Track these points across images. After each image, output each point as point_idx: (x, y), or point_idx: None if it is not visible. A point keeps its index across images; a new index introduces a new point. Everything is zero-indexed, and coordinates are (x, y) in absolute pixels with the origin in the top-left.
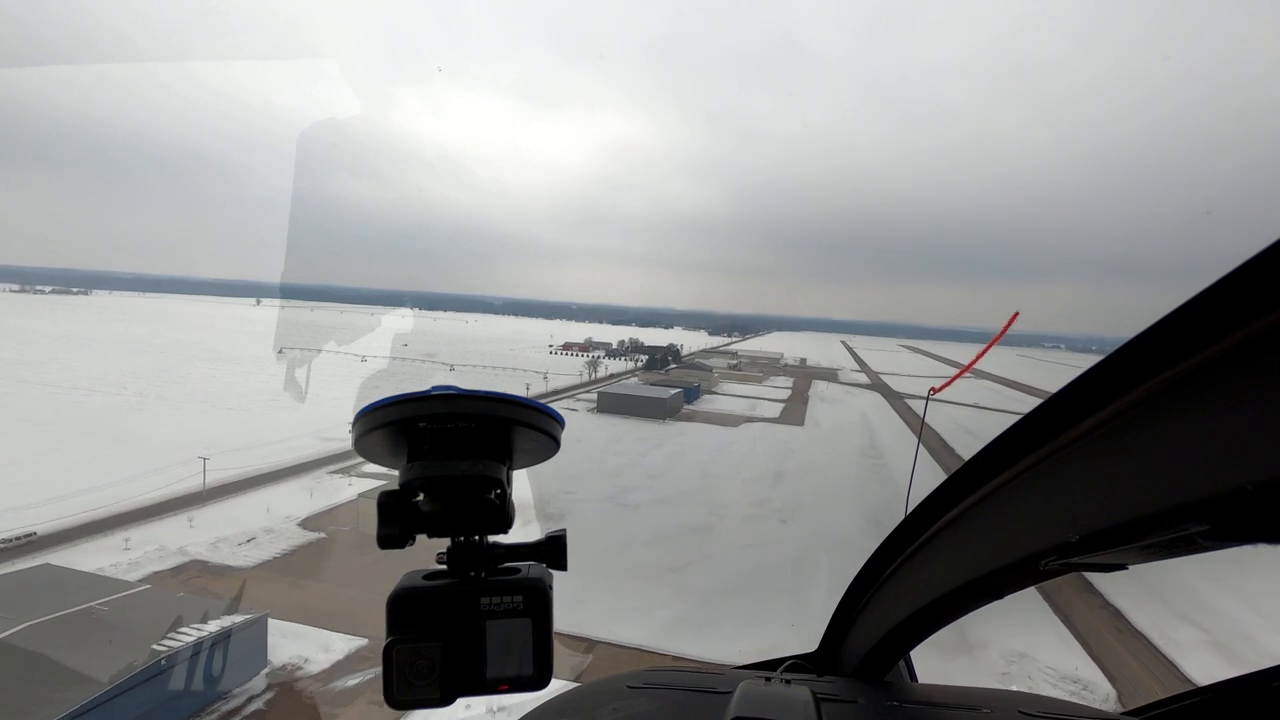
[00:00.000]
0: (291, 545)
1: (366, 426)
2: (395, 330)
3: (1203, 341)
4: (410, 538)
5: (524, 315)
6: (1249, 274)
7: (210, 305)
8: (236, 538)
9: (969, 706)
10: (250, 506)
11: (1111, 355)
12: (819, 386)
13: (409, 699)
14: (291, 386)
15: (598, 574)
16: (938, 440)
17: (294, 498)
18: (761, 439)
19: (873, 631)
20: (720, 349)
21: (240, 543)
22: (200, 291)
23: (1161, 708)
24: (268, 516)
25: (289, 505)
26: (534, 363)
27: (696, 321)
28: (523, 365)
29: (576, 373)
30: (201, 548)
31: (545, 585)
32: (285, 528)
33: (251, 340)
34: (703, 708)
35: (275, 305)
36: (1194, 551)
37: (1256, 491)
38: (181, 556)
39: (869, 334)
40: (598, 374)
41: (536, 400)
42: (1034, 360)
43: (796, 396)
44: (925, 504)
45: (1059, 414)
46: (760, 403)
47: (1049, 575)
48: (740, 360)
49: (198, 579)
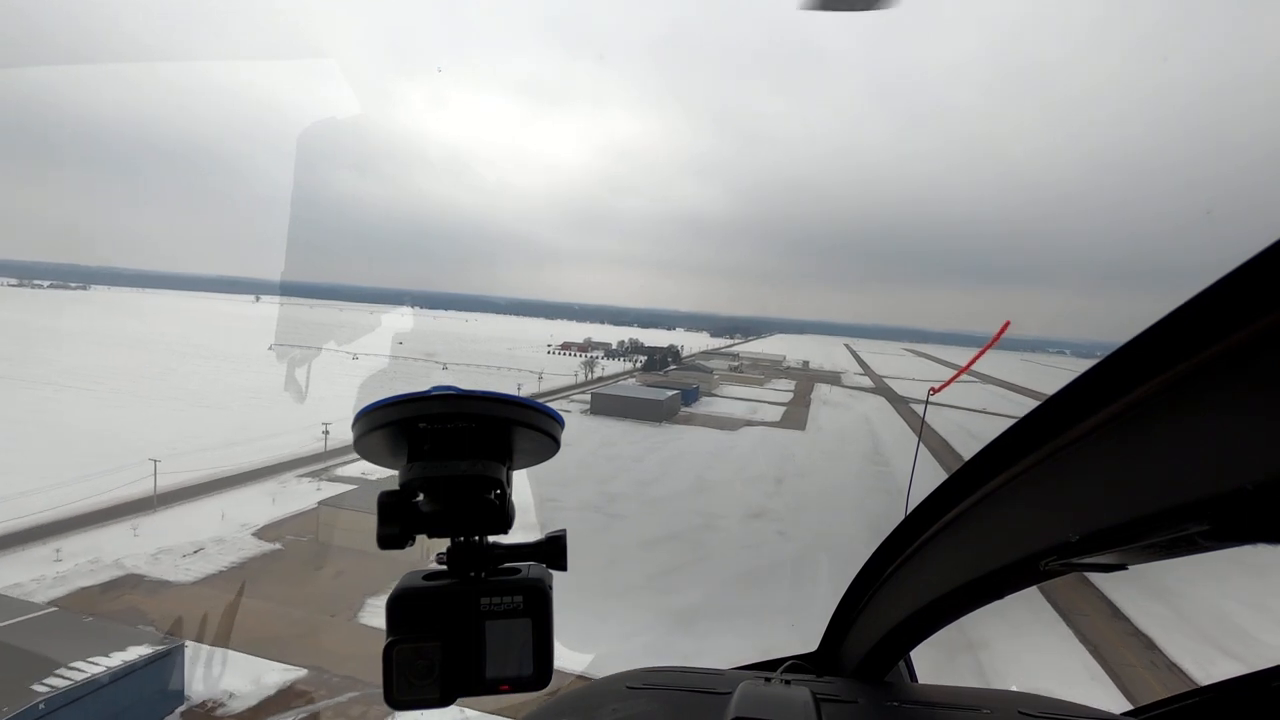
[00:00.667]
0: (242, 557)
1: (367, 427)
2: (392, 329)
3: (1202, 342)
4: (410, 538)
5: (527, 315)
6: (1248, 274)
7: (210, 302)
8: (182, 548)
9: (969, 707)
10: (206, 513)
11: (1111, 356)
12: (821, 390)
13: (409, 699)
14: (291, 385)
15: (574, 593)
16: (941, 443)
17: (255, 503)
18: (762, 443)
19: (873, 632)
20: (721, 350)
21: (185, 554)
22: (202, 288)
23: (1161, 708)
24: (222, 524)
25: (248, 512)
26: (531, 362)
27: (699, 323)
28: (519, 365)
29: (573, 373)
30: (140, 560)
31: (545, 585)
32: (238, 537)
33: (244, 337)
34: (703, 708)
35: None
36: (1194, 551)
37: (1256, 491)
38: (116, 570)
39: (872, 337)
40: (594, 374)
41: (537, 400)
42: (1037, 365)
43: (798, 400)
44: (925, 504)
45: (1059, 414)
46: (761, 406)
47: (1049, 575)
48: (741, 362)
49: (128, 596)
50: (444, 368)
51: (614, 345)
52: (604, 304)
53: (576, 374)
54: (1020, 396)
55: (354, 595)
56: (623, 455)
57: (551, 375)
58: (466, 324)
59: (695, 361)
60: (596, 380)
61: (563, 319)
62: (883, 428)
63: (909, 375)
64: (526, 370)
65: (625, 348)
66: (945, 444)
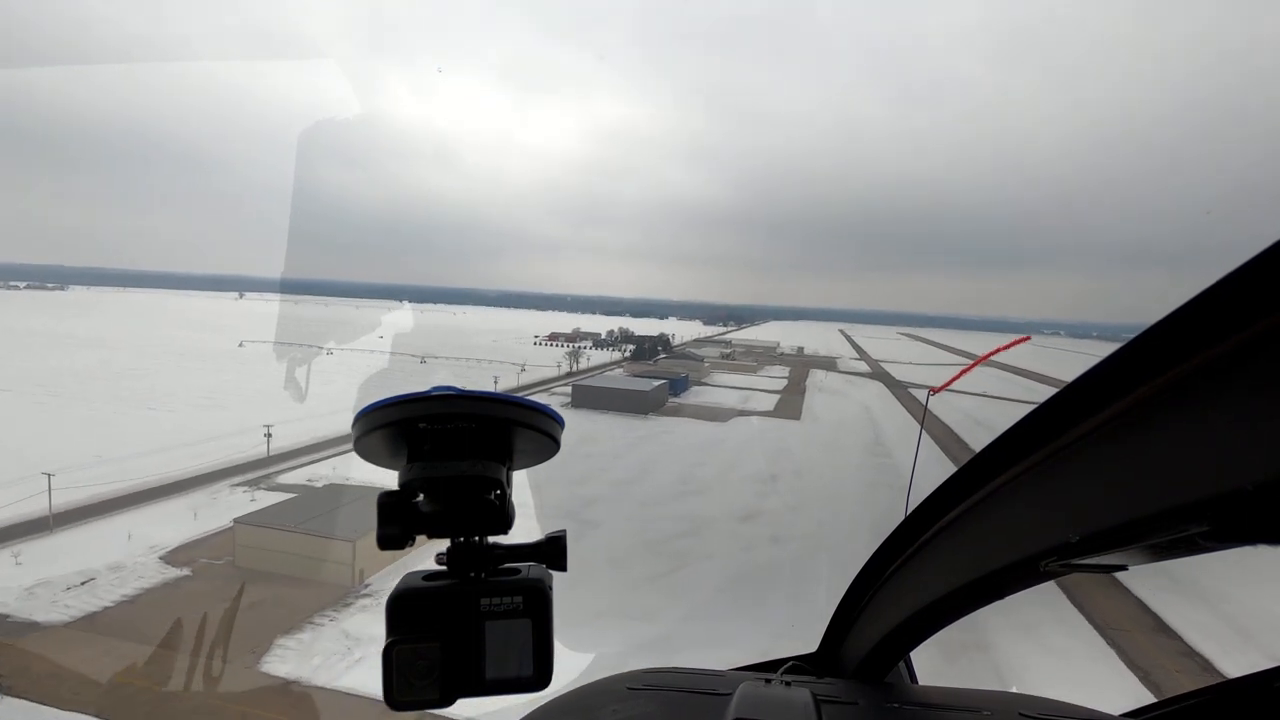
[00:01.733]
0: (140, 588)
1: (366, 427)
2: (376, 323)
3: (1202, 342)
4: (410, 538)
5: (519, 307)
6: (1249, 275)
7: (193, 300)
8: (68, 579)
9: (969, 708)
10: (111, 533)
11: (1111, 356)
12: (817, 376)
13: (408, 700)
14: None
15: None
16: (945, 430)
17: (174, 520)
18: (754, 435)
19: (873, 632)
20: (714, 338)
21: (69, 587)
22: (190, 286)
23: (1162, 708)
24: (127, 547)
25: (163, 531)
26: (516, 354)
27: (692, 313)
28: (503, 357)
29: (556, 364)
30: (11, 595)
31: (545, 586)
32: (142, 562)
33: (216, 334)
34: (703, 709)
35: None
36: (1194, 552)
37: (1256, 491)
38: None
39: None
40: (579, 365)
41: (537, 401)
42: (1035, 347)
43: (793, 387)
44: (925, 504)
45: (1059, 414)
46: (754, 394)
47: (1049, 576)
48: (734, 349)
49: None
50: (421, 361)
51: (603, 335)
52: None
53: (560, 365)
54: (1025, 379)
55: (262, 635)
56: (602, 452)
57: (535, 367)
58: (455, 317)
59: (686, 350)
60: (582, 372)
61: (555, 310)
62: (883, 415)
63: (906, 359)
64: (508, 362)
65: (615, 337)
66: (952, 433)
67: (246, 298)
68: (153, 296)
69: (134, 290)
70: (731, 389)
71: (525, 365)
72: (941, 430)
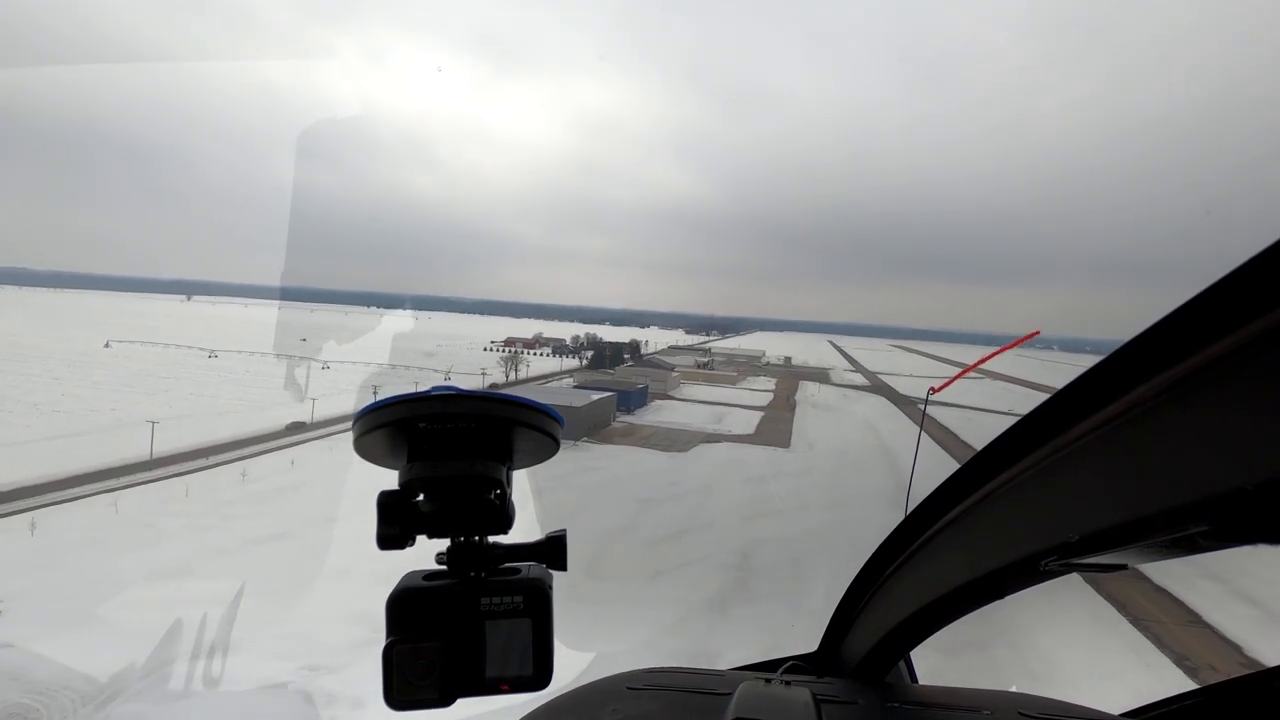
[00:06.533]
0: None
1: (366, 427)
2: (302, 325)
3: (1202, 342)
4: (410, 538)
5: (496, 315)
6: (1248, 274)
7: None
8: None
9: (969, 708)
10: None
11: (1111, 356)
12: (808, 389)
13: (408, 699)
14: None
15: None
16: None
17: None
18: (724, 471)
19: (873, 632)
20: (693, 346)
21: None
22: (148, 290)
23: (1162, 708)
24: None
25: None
26: (462, 360)
27: (676, 322)
28: (436, 365)
29: (481, 371)
30: None
31: (545, 585)
32: None
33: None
34: (703, 709)
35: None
36: (1194, 552)
37: (1256, 491)
38: None
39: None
40: (517, 374)
41: (537, 401)
42: (1033, 361)
43: (780, 402)
44: (925, 504)
45: (1059, 414)
46: (731, 411)
47: (1049, 575)
48: (712, 358)
49: None
50: (325, 367)
51: (567, 341)
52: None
53: (485, 373)
54: (1029, 391)
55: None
56: None
57: (461, 375)
58: (415, 321)
59: (655, 358)
60: (516, 382)
61: (533, 318)
62: (893, 438)
63: (904, 371)
64: (435, 370)
65: (579, 343)
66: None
67: (193, 299)
68: (107, 299)
69: (98, 294)
70: (703, 404)
71: (449, 372)
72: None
